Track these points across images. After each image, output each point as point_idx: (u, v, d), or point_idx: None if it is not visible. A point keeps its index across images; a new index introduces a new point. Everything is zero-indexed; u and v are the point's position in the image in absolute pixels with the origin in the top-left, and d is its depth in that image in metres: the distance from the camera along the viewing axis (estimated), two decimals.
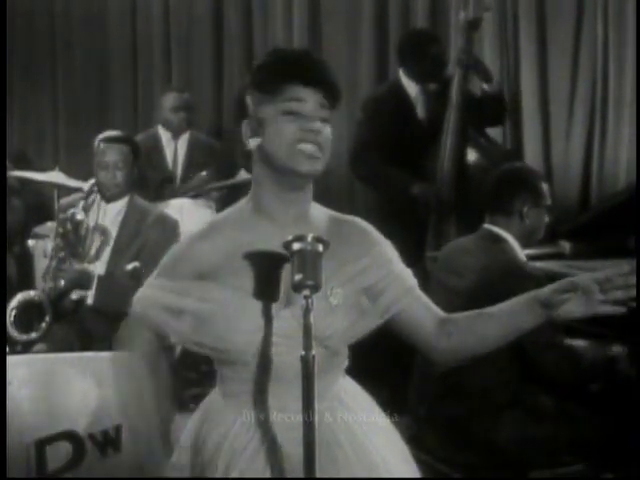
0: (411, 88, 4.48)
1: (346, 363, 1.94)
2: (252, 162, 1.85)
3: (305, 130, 1.76)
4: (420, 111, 4.48)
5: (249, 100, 1.83)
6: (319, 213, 1.91)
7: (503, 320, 1.87)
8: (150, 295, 1.88)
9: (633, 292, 1.74)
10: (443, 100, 4.30)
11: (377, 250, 1.89)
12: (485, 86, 4.34)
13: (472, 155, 4.31)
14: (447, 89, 4.30)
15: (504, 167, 3.35)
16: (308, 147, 1.77)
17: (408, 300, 1.89)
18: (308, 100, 1.78)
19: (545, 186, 3.18)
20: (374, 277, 1.86)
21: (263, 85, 1.80)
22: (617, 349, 3.11)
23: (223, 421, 1.87)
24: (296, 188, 1.82)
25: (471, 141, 4.31)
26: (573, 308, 1.78)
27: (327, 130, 1.80)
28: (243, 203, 1.90)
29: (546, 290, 1.80)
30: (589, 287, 1.76)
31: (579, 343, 3.10)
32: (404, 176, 4.33)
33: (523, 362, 3.01)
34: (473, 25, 4.26)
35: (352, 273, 1.84)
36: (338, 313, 1.80)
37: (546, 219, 3.15)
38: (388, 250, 1.91)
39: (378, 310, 1.86)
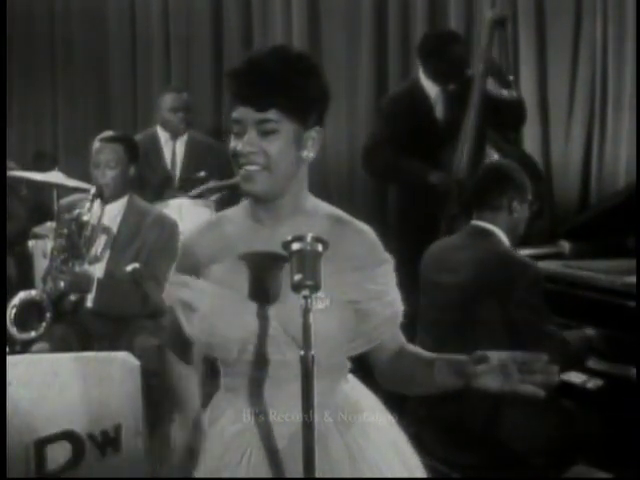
0: (431, 89, 4.44)
1: (347, 366, 1.93)
2: None
3: (241, 155, 1.77)
4: (439, 112, 4.45)
5: None
6: (319, 211, 1.89)
7: (429, 374, 1.85)
8: (170, 291, 1.90)
9: (554, 379, 1.73)
10: (463, 101, 4.28)
11: (377, 269, 1.86)
12: (504, 92, 4.32)
13: (490, 156, 4.29)
14: (467, 90, 4.28)
15: (489, 164, 3.39)
16: (248, 169, 1.78)
17: (390, 332, 1.89)
18: (244, 119, 1.77)
19: (528, 182, 3.22)
20: (366, 295, 1.83)
21: None
22: (590, 332, 3.18)
23: (220, 414, 1.90)
24: (261, 202, 1.83)
25: (490, 141, 4.30)
26: (490, 382, 1.75)
27: (274, 142, 1.77)
28: (243, 204, 1.92)
29: (462, 360, 1.78)
30: (506, 365, 1.74)
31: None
32: (421, 166, 4.30)
33: None
34: (499, 23, 4.26)
35: (346, 283, 1.82)
36: (320, 319, 1.73)
37: (528, 214, 3.21)
38: (388, 271, 1.88)
39: (365, 335, 1.85)
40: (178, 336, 1.91)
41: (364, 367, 1.96)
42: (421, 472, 1.96)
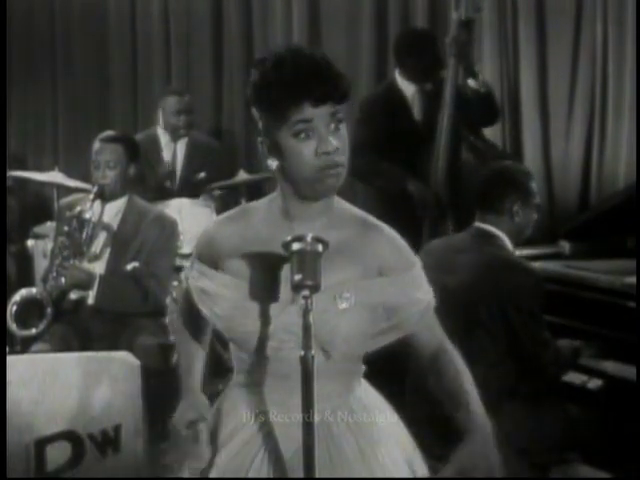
0: (407, 88, 4.46)
1: (362, 369, 1.93)
2: (276, 176, 1.83)
3: (321, 154, 1.72)
4: (416, 112, 4.46)
5: (254, 113, 1.79)
6: (345, 212, 1.88)
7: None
8: (191, 275, 1.91)
9: None
10: (439, 100, 4.29)
11: (404, 273, 1.84)
12: (471, 82, 4.31)
13: (467, 155, 4.31)
14: (442, 90, 4.29)
15: (494, 166, 3.36)
16: (330, 174, 1.74)
17: (421, 325, 1.87)
18: (317, 118, 1.71)
19: (534, 185, 3.20)
20: (394, 294, 1.81)
21: (266, 107, 1.75)
22: (576, 343, 3.19)
23: (232, 412, 1.89)
24: (322, 197, 1.80)
25: (465, 141, 4.31)
26: None
27: (343, 133, 1.76)
28: (268, 201, 1.88)
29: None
30: None
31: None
32: (400, 173, 4.32)
33: (519, 359, 3.03)
34: (466, 25, 4.26)
35: (373, 286, 1.81)
36: (343, 318, 1.77)
37: (534, 217, 3.18)
38: (416, 274, 1.86)
39: (392, 326, 1.83)
40: (189, 314, 1.95)
41: (371, 370, 1.96)
42: (425, 474, 1.97)
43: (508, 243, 3.12)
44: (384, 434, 1.88)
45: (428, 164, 4.30)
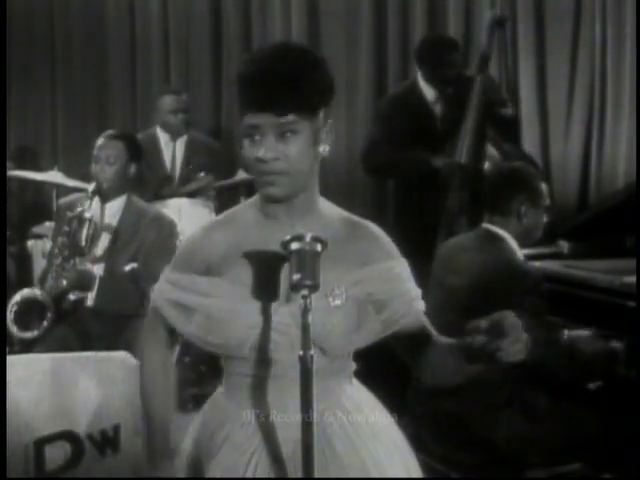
0: (428, 91, 4.46)
1: (352, 368, 1.93)
2: None
3: (259, 161, 1.74)
4: (437, 113, 4.46)
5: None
6: (330, 212, 1.88)
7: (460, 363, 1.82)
8: (163, 289, 1.91)
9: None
10: (461, 102, 4.29)
11: (388, 263, 1.85)
12: (501, 110, 4.35)
13: (490, 153, 4.30)
14: (465, 92, 4.29)
15: (502, 167, 3.36)
16: (268, 178, 1.75)
17: (411, 320, 1.86)
18: (262, 126, 1.73)
19: (544, 186, 3.19)
20: (380, 287, 1.82)
21: (238, 100, 1.79)
22: (615, 344, 3.12)
23: (225, 416, 1.88)
24: (270, 202, 1.82)
25: (489, 140, 4.31)
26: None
27: (293, 144, 1.74)
28: (252, 202, 1.89)
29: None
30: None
31: (581, 333, 3.11)
32: (422, 153, 4.32)
33: (521, 361, 3.02)
34: (499, 23, 4.28)
35: (359, 278, 1.82)
36: (336, 315, 1.78)
37: (544, 219, 3.17)
38: (400, 266, 1.87)
39: (382, 321, 1.83)
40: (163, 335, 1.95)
41: (360, 367, 1.96)
42: (418, 472, 1.96)
43: (514, 245, 3.10)
44: (377, 433, 1.88)
45: None
